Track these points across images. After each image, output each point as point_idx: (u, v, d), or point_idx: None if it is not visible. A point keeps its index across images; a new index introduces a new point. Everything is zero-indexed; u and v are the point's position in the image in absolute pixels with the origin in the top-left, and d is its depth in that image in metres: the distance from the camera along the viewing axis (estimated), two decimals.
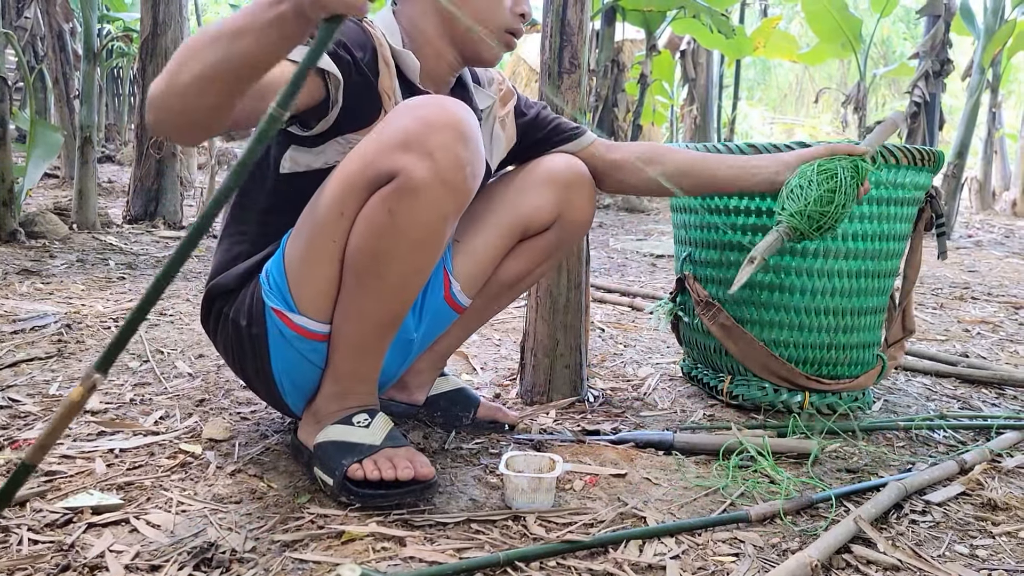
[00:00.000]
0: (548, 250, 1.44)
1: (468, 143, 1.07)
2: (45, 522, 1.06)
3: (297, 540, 1.04)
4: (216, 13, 16.47)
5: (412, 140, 1.05)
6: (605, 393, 1.78)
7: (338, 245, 1.13)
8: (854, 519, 1.10)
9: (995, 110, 9.00)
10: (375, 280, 1.13)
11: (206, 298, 1.28)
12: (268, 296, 1.18)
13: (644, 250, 4.58)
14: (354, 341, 1.19)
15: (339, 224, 1.12)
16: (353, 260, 1.13)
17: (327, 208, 1.13)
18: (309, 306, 1.17)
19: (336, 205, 1.12)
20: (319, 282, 1.16)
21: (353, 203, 1.11)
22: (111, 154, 8.47)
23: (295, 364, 1.22)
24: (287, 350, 1.20)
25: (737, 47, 7.01)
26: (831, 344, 1.65)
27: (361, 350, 1.20)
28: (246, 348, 1.24)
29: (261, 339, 1.21)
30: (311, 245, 1.15)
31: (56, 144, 3.82)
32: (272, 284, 1.18)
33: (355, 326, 1.17)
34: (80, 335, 2.05)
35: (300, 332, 1.18)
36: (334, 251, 1.14)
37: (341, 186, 1.12)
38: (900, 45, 17.82)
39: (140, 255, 3.46)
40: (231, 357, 1.29)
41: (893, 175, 1.59)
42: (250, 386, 1.33)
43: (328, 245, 1.14)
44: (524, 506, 1.15)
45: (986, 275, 4.14)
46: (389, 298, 1.15)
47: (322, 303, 1.17)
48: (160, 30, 4.29)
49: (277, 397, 1.28)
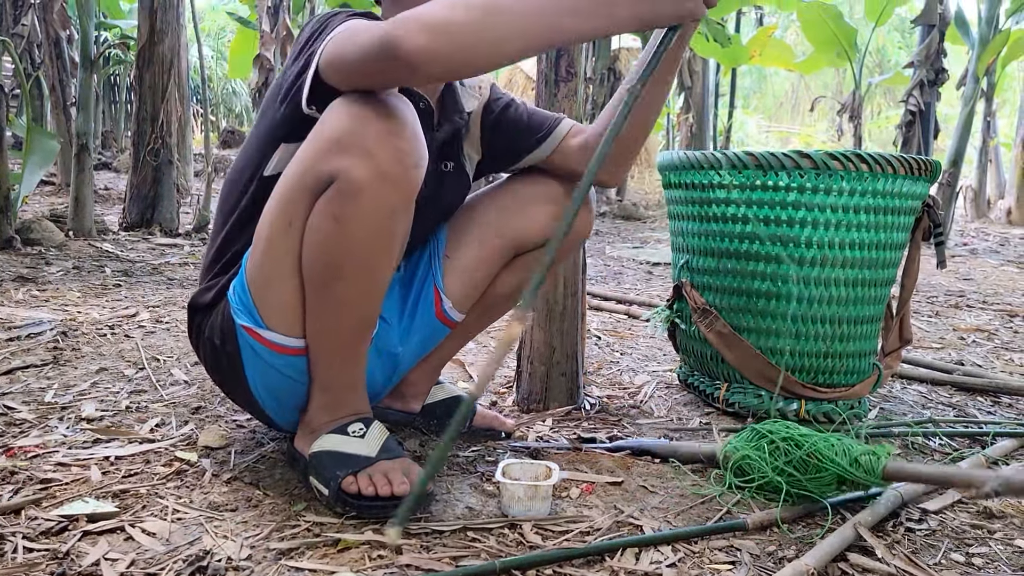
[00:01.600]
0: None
1: (404, 133, 1.02)
2: (40, 530, 1.05)
3: (293, 548, 1.03)
4: (213, 21, 16.49)
5: (347, 139, 1.01)
6: (602, 401, 1.78)
7: (293, 257, 1.11)
8: (852, 526, 1.10)
9: (990, 119, 9.03)
10: (335, 288, 1.11)
11: (188, 312, 1.27)
12: (236, 313, 1.16)
13: (640, 257, 4.58)
14: (331, 351, 1.17)
15: (289, 235, 1.10)
16: (309, 271, 1.11)
17: (275, 219, 1.11)
18: (277, 321, 1.15)
19: (283, 216, 1.10)
20: (282, 296, 1.14)
21: (300, 211, 1.08)
22: (108, 161, 8.46)
23: (272, 379, 1.20)
24: (262, 366, 1.19)
25: (733, 56, 7.04)
26: (827, 352, 1.65)
27: (340, 359, 1.19)
28: (223, 365, 1.22)
29: (235, 357, 1.19)
30: (267, 259, 1.13)
31: (52, 151, 3.82)
32: (238, 301, 1.16)
33: (328, 336, 1.16)
34: (76, 342, 2.05)
35: (272, 347, 1.16)
36: (291, 264, 1.11)
37: (285, 195, 1.10)
38: (895, 54, 17.91)
39: (136, 262, 3.45)
40: (211, 373, 1.29)
41: (889, 184, 1.59)
42: (234, 401, 1.33)
43: (283, 258, 1.11)
44: (521, 514, 1.15)
45: (981, 283, 4.15)
46: (354, 303, 1.13)
47: (290, 316, 1.15)
48: (157, 38, 4.30)
49: (259, 411, 1.28)
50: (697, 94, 8.63)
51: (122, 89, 10.80)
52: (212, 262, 1.26)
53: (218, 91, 16.22)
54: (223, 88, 16.39)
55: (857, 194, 1.57)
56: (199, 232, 4.41)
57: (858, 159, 1.56)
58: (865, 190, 1.58)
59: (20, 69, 4.04)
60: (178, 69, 4.43)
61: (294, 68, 1.14)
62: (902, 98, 6.53)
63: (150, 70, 4.30)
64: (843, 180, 1.57)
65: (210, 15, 16.60)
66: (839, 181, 1.57)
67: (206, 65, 9.09)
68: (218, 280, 1.23)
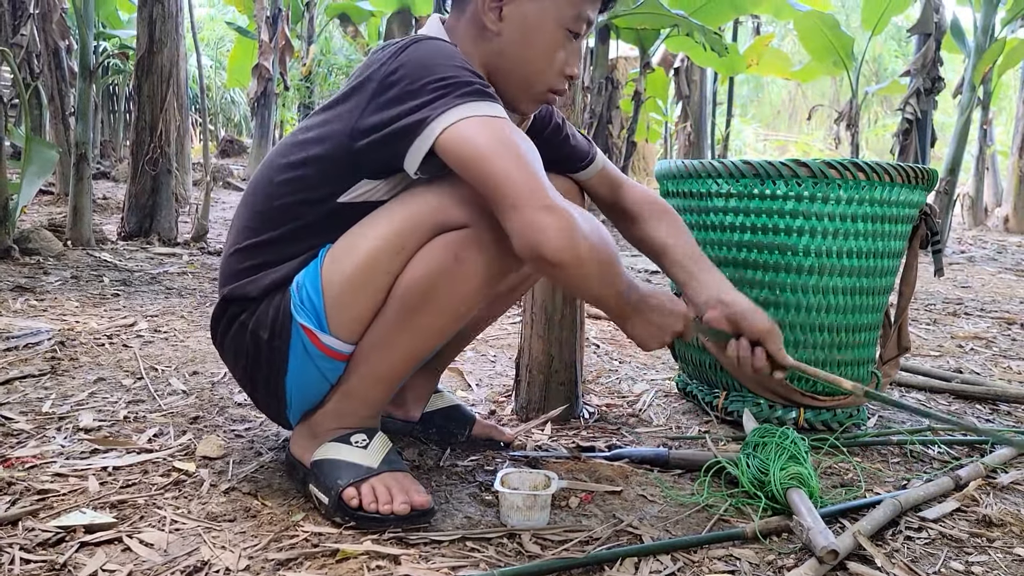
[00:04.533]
0: None
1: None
2: (37, 541, 1.05)
3: (291, 558, 1.03)
4: (212, 31, 16.54)
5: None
6: (600, 410, 1.78)
7: (390, 278, 1.14)
8: (852, 534, 1.10)
9: (986, 127, 9.07)
10: (419, 316, 1.14)
11: (222, 302, 1.23)
12: (298, 311, 1.15)
13: (639, 266, 4.58)
14: (377, 369, 1.19)
15: (397, 258, 1.13)
16: (404, 292, 1.13)
17: (386, 241, 1.12)
18: (342, 328, 1.16)
19: (397, 239, 1.12)
20: (360, 309, 1.15)
21: (415, 242, 1.12)
22: (106, 171, 8.47)
23: (311, 380, 1.21)
24: (307, 366, 1.19)
25: (730, 65, 7.07)
26: (826, 360, 1.65)
27: (381, 379, 1.20)
28: (261, 359, 1.21)
29: (282, 352, 1.19)
30: (361, 273, 1.13)
31: (51, 161, 3.82)
32: (304, 299, 1.15)
33: (383, 355, 1.17)
34: (74, 352, 2.05)
35: (326, 352, 1.17)
36: (385, 283, 1.14)
37: (407, 223, 1.12)
38: (892, 63, 17.98)
39: (135, 272, 3.45)
40: (241, 365, 1.25)
41: (887, 193, 1.60)
42: (251, 395, 1.31)
43: (380, 276, 1.13)
44: (520, 524, 1.15)
45: (979, 291, 4.16)
46: (425, 336, 1.17)
47: (356, 327, 1.17)
48: (156, 48, 4.30)
49: (279, 409, 1.26)
50: (695, 103, 8.66)
51: (121, 99, 10.82)
52: (250, 257, 1.21)
53: (217, 101, 16.25)
54: (222, 98, 16.42)
55: (854, 202, 1.58)
56: (198, 241, 4.40)
57: (855, 168, 1.56)
58: (862, 198, 1.58)
59: (19, 79, 4.05)
60: (177, 79, 4.44)
61: (388, 111, 1.09)
62: (899, 106, 6.56)
63: (149, 80, 4.31)
64: (840, 189, 1.57)
65: (209, 25, 16.64)
66: (836, 190, 1.57)
67: (205, 75, 9.11)
68: (264, 275, 1.19)
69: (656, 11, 5.49)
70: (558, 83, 1.23)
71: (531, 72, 1.22)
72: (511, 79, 1.22)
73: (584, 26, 1.22)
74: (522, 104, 1.26)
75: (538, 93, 1.24)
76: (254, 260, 1.21)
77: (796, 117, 21.06)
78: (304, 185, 1.18)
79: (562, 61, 1.21)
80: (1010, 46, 6.55)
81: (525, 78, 1.22)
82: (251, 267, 1.21)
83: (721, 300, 1.29)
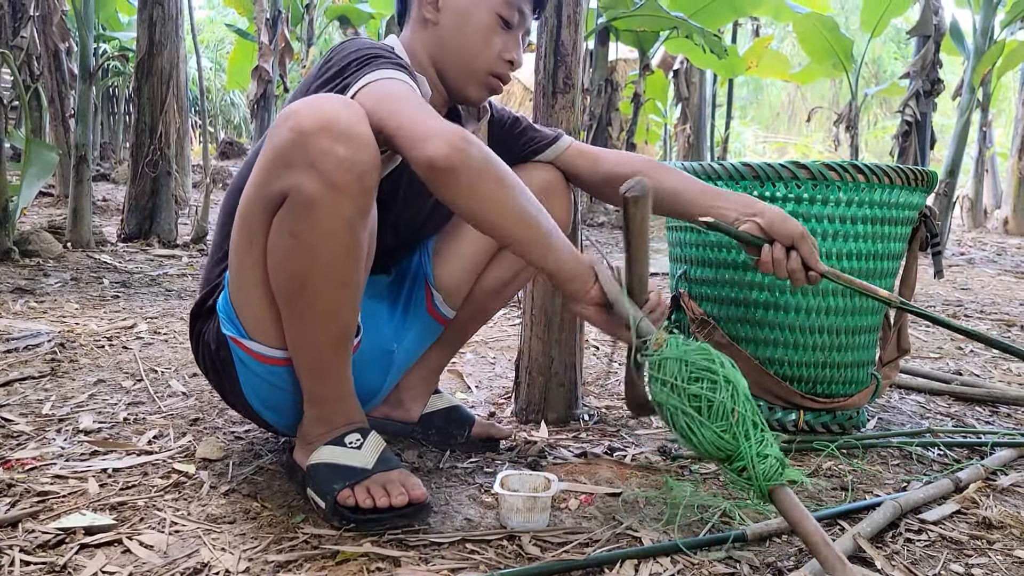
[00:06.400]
0: None
1: (347, 140, 1.01)
2: (37, 543, 1.05)
3: (291, 560, 1.03)
4: (212, 33, 16.55)
5: (290, 154, 1.02)
6: (600, 411, 1.78)
7: (258, 271, 1.13)
8: (852, 537, 1.10)
9: (985, 129, 9.08)
10: (303, 301, 1.11)
11: (190, 318, 1.29)
12: (223, 324, 1.19)
13: None
14: (310, 364, 1.18)
15: (251, 251, 1.13)
16: (275, 286, 1.12)
17: (238, 236, 1.14)
18: (256, 331, 1.17)
19: (244, 233, 1.13)
20: (254, 307, 1.16)
21: (258, 228, 1.10)
22: (106, 173, 8.48)
23: (262, 389, 1.23)
24: (250, 375, 1.21)
25: (730, 67, 7.07)
26: (826, 362, 1.65)
27: (321, 371, 1.19)
28: (219, 370, 1.24)
29: (229, 363, 1.21)
30: (237, 273, 1.16)
31: (51, 163, 3.83)
32: (223, 311, 1.19)
33: (305, 350, 1.16)
34: (73, 354, 2.05)
35: (256, 357, 1.18)
36: (256, 277, 1.14)
37: (244, 213, 1.13)
38: (891, 65, 18.00)
39: (134, 273, 3.45)
40: (214, 381, 1.30)
41: (886, 195, 1.60)
42: (235, 409, 1.34)
43: (249, 273, 1.14)
44: (519, 526, 1.15)
45: (979, 293, 4.16)
46: (325, 315, 1.13)
47: (268, 327, 1.16)
48: (156, 50, 4.31)
49: (255, 416, 1.29)
50: (694, 105, 8.67)
51: (121, 101, 10.83)
52: (212, 271, 1.27)
53: (216, 102, 16.26)
54: (221, 99, 16.44)
55: (854, 204, 1.58)
56: (197, 243, 4.41)
57: (855, 170, 1.56)
58: (862, 200, 1.58)
59: (19, 81, 4.05)
60: (177, 81, 4.44)
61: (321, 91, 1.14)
62: (898, 108, 6.57)
63: (149, 82, 4.31)
64: (840, 191, 1.57)
65: (209, 27, 16.66)
66: (836, 192, 1.57)
67: (204, 77, 9.11)
68: (217, 289, 1.25)
69: (655, 13, 5.50)
70: (498, 67, 1.29)
71: (470, 56, 1.28)
72: (454, 65, 1.29)
73: (516, 15, 1.28)
74: (468, 89, 1.31)
75: (480, 76, 1.29)
76: (220, 267, 1.25)
77: (795, 119, 21.08)
78: (241, 179, 1.22)
79: (499, 46, 1.28)
80: (1009, 48, 6.55)
81: (465, 62, 1.28)
82: (218, 275, 1.26)
83: (752, 211, 1.32)
